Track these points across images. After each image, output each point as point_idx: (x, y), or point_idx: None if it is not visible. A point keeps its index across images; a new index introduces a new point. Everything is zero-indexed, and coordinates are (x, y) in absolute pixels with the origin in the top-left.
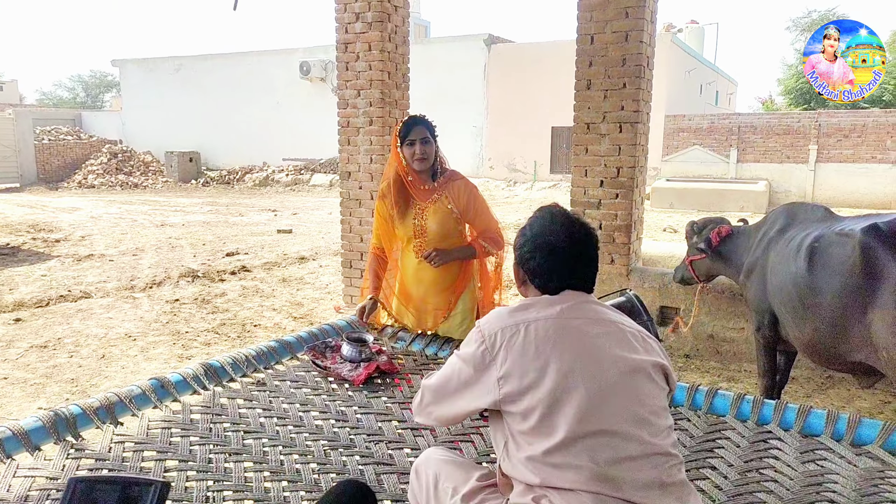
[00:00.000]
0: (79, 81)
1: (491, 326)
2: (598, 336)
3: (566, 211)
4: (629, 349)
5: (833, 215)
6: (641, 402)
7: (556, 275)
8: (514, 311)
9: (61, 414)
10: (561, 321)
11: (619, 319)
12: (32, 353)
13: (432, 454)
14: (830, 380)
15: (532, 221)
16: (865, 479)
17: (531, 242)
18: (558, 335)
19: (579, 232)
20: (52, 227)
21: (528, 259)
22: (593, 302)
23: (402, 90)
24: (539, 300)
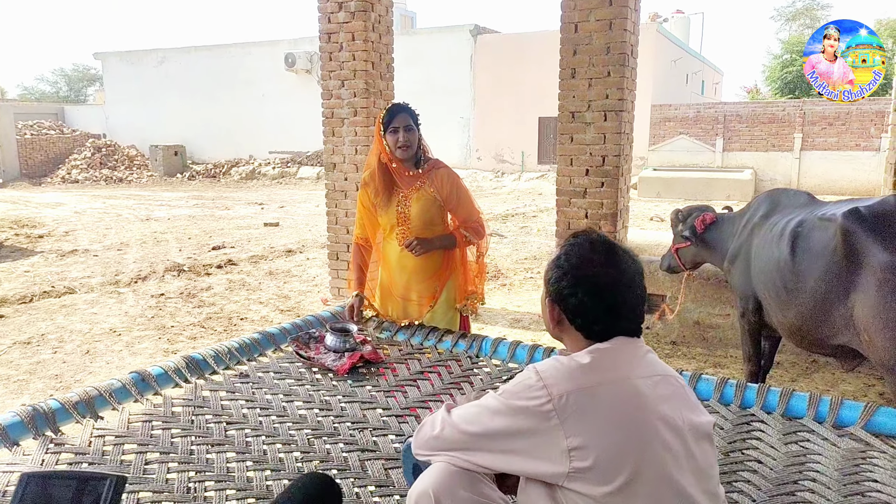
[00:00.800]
0: (61, 75)
1: (559, 385)
2: (668, 399)
3: (607, 238)
4: (693, 409)
5: (816, 201)
6: (709, 475)
7: (603, 317)
8: (580, 369)
9: (40, 409)
10: (632, 385)
11: (670, 371)
12: (16, 350)
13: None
14: (815, 364)
15: (568, 250)
16: (847, 459)
17: (571, 276)
18: (634, 404)
19: (626, 264)
20: (35, 222)
21: (567, 296)
22: (648, 351)
23: (386, 80)
24: (598, 352)
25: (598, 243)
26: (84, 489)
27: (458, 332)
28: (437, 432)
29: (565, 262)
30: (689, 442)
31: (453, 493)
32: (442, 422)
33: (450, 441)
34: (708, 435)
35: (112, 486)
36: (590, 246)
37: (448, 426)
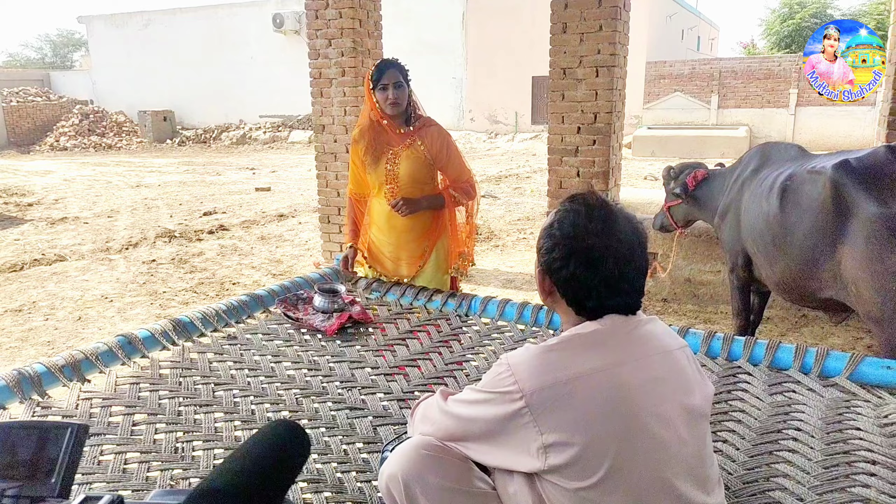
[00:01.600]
0: (46, 41)
1: (532, 380)
2: (661, 384)
3: (607, 202)
4: (689, 389)
5: (806, 154)
6: (702, 457)
7: (596, 292)
8: (555, 362)
9: (25, 373)
10: (614, 376)
11: (670, 344)
12: (7, 318)
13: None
14: (804, 318)
15: (562, 217)
16: (831, 408)
17: (563, 246)
18: (615, 397)
19: (627, 232)
20: (24, 190)
21: (558, 268)
22: (648, 323)
23: (374, 39)
24: (578, 339)
25: (595, 208)
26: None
27: (447, 292)
28: (432, 411)
29: (557, 230)
30: (681, 428)
31: (423, 478)
32: (435, 405)
33: (442, 429)
34: (704, 415)
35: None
36: (585, 212)
37: (443, 411)
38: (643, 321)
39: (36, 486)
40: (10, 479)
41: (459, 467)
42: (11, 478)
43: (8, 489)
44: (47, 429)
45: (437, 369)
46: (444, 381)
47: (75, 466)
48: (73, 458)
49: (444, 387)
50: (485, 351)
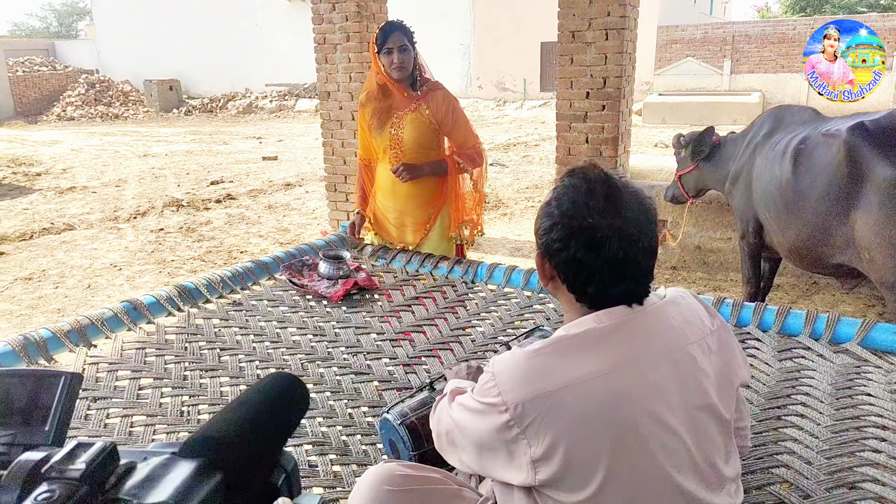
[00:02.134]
0: (50, 10)
1: (515, 392)
2: (666, 386)
3: (610, 175)
4: (699, 389)
5: (820, 116)
6: (712, 459)
7: (599, 277)
8: (540, 369)
9: (31, 338)
10: (609, 383)
11: (683, 339)
12: (17, 286)
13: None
14: (815, 286)
15: (560, 194)
16: (841, 374)
17: (562, 226)
18: (609, 404)
19: (633, 209)
20: (32, 160)
21: (558, 250)
22: (649, 318)
23: (379, 3)
24: (567, 342)
25: (596, 184)
26: (40, 386)
27: (453, 259)
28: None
29: (556, 208)
30: (688, 433)
31: None
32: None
33: (443, 433)
34: (718, 413)
35: (67, 383)
36: (586, 188)
37: (446, 415)
38: (650, 313)
39: (30, 434)
40: (4, 426)
41: (427, 500)
42: (4, 425)
43: (1, 436)
44: (40, 377)
45: (443, 335)
46: (450, 346)
47: (69, 415)
48: (67, 406)
49: (458, 384)
50: (491, 317)
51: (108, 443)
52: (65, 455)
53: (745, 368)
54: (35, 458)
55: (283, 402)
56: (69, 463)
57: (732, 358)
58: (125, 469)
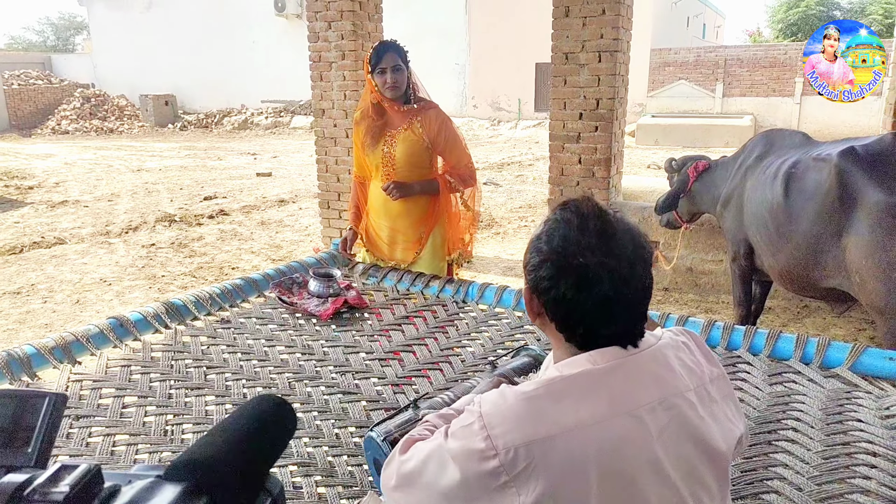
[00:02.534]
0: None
1: (507, 436)
2: (665, 434)
3: (604, 211)
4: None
5: (811, 141)
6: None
7: (589, 318)
8: (535, 413)
9: (14, 354)
10: (607, 429)
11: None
12: (5, 300)
13: None
14: (806, 309)
15: (550, 228)
16: (832, 399)
17: (551, 263)
18: (607, 452)
19: (626, 248)
20: (25, 174)
21: (546, 288)
22: (643, 363)
23: (374, 22)
24: (563, 384)
25: (589, 219)
26: (24, 406)
27: (444, 278)
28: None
29: (546, 244)
30: (679, 485)
31: None
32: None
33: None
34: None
35: (52, 404)
36: (578, 223)
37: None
38: (647, 355)
39: (12, 456)
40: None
41: None
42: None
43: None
44: (24, 398)
45: (433, 355)
46: (440, 366)
47: (53, 436)
48: (51, 427)
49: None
50: (481, 337)
51: (93, 465)
52: (48, 478)
53: (741, 421)
54: (18, 480)
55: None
56: (53, 486)
57: (730, 409)
58: (109, 492)
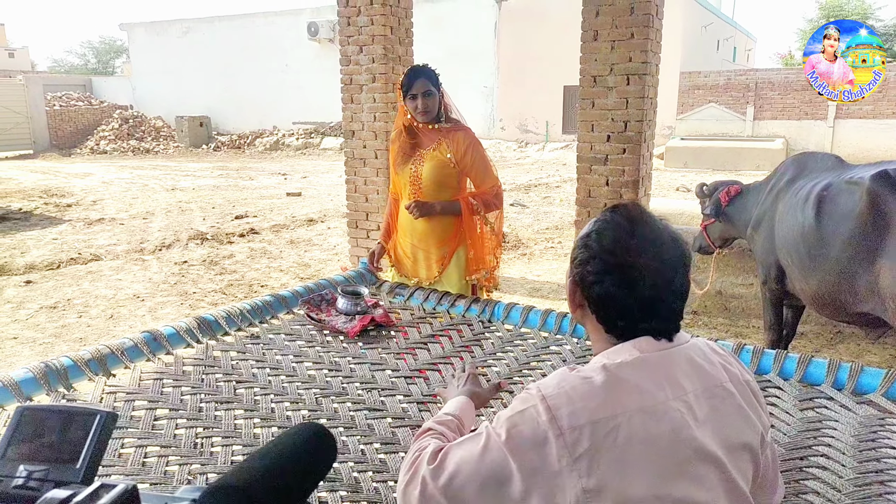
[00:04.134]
0: (89, 47)
1: (573, 417)
2: (706, 421)
3: (651, 217)
4: (736, 425)
5: (843, 164)
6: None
7: (630, 313)
8: (597, 393)
9: (52, 366)
10: (660, 413)
11: (716, 379)
12: (42, 314)
13: None
14: (840, 335)
15: (601, 228)
16: (864, 425)
17: (599, 260)
18: (660, 436)
19: (670, 252)
20: (64, 192)
21: (591, 283)
22: (688, 355)
23: (405, 46)
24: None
25: (639, 224)
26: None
27: (470, 297)
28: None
29: (595, 242)
30: (729, 468)
31: None
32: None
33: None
34: (752, 451)
35: (102, 422)
36: (629, 226)
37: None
38: (689, 346)
39: (61, 471)
40: (38, 461)
41: None
42: (39, 460)
43: (35, 472)
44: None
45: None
46: None
47: (101, 454)
48: (100, 445)
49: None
50: (507, 357)
51: (130, 485)
52: (87, 496)
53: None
54: (60, 496)
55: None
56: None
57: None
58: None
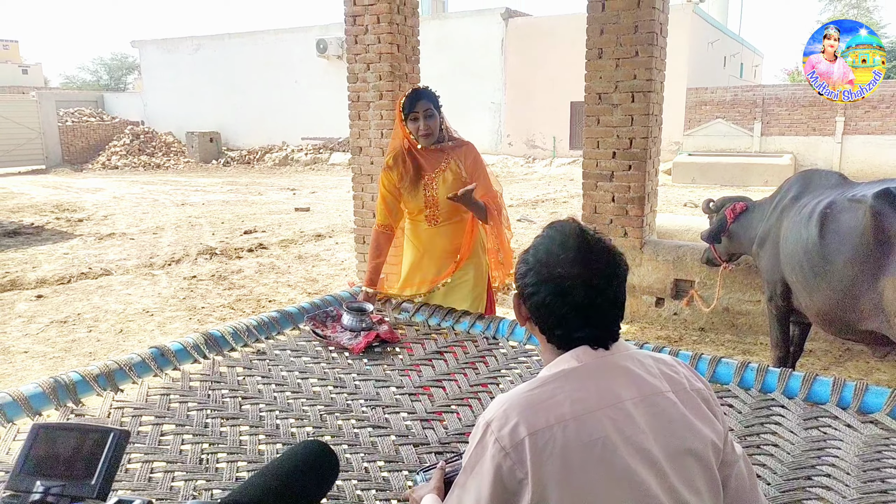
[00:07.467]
0: (101, 64)
1: (514, 433)
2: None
3: (584, 230)
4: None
5: (847, 182)
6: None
7: (566, 322)
8: (537, 404)
9: (61, 381)
10: (596, 421)
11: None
12: (53, 329)
13: None
14: (848, 352)
15: (537, 244)
16: (869, 445)
17: (535, 273)
18: (597, 443)
19: (601, 263)
20: (75, 207)
21: (530, 294)
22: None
23: (412, 63)
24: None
25: (569, 237)
26: (90, 441)
27: (475, 314)
28: None
29: (532, 256)
30: (670, 475)
31: None
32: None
33: None
34: (700, 458)
35: (116, 440)
36: (561, 240)
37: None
38: (628, 357)
39: (77, 487)
40: (54, 477)
41: None
42: (55, 476)
43: (52, 487)
44: (91, 432)
45: (462, 390)
46: (468, 402)
47: (115, 470)
48: (114, 462)
49: None
50: (511, 374)
51: (146, 501)
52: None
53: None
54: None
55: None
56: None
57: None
58: None
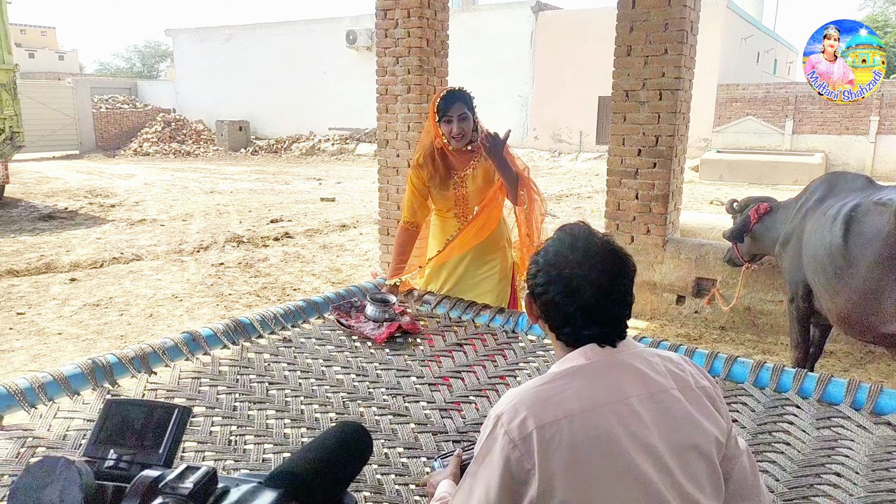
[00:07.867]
0: (135, 52)
1: (523, 425)
2: (650, 425)
3: (592, 233)
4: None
5: (873, 184)
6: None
7: (573, 320)
8: (547, 398)
9: (99, 362)
10: (601, 416)
11: (663, 386)
12: (85, 311)
13: None
14: (870, 354)
15: (547, 246)
16: (880, 445)
17: (544, 273)
18: (603, 438)
19: (608, 264)
20: (108, 192)
21: (540, 293)
22: (634, 362)
23: (441, 58)
24: (563, 378)
25: (578, 239)
26: (154, 415)
27: (496, 308)
28: None
29: (542, 257)
30: (675, 470)
31: None
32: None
33: None
34: (704, 454)
35: (179, 415)
36: (570, 242)
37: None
38: (635, 354)
39: (147, 455)
40: (126, 447)
41: None
42: (126, 446)
43: (124, 455)
44: (157, 408)
45: (481, 382)
46: (486, 394)
47: (179, 442)
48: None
49: None
50: (529, 367)
51: (211, 468)
52: (176, 475)
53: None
54: (152, 475)
55: (352, 450)
56: (180, 482)
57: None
58: (221, 492)
